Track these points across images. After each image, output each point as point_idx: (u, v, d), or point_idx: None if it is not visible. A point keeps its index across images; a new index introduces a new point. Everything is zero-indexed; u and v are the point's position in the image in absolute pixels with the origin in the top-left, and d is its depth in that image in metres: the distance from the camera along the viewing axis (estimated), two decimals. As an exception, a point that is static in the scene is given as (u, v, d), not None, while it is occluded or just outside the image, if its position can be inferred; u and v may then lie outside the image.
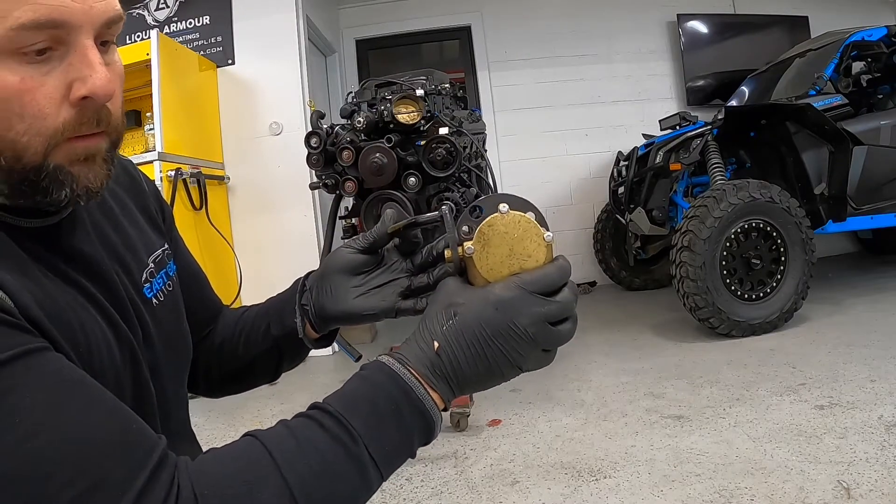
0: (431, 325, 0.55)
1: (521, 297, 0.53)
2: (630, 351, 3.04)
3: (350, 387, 0.54)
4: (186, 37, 3.66)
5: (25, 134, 0.48)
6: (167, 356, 0.66)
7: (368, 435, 0.50)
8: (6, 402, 0.42)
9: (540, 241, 0.56)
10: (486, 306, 0.53)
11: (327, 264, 0.71)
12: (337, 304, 0.70)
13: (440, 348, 0.53)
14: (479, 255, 0.55)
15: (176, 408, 0.69)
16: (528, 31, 5.08)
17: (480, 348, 0.53)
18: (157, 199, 0.78)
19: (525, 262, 0.56)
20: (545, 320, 0.53)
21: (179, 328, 0.71)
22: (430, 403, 0.53)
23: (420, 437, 0.53)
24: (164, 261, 0.71)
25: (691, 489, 1.61)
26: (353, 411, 0.51)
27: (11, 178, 0.50)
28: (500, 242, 0.55)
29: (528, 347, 0.53)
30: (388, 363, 0.54)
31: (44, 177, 0.50)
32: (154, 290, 0.67)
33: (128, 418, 0.47)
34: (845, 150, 3.19)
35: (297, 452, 0.48)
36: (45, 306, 0.48)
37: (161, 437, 0.48)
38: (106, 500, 0.42)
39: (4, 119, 0.47)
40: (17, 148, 0.48)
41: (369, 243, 0.70)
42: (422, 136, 2.26)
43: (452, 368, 0.53)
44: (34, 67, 0.47)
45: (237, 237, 3.61)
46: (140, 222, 0.71)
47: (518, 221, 0.56)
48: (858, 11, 5.04)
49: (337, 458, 0.49)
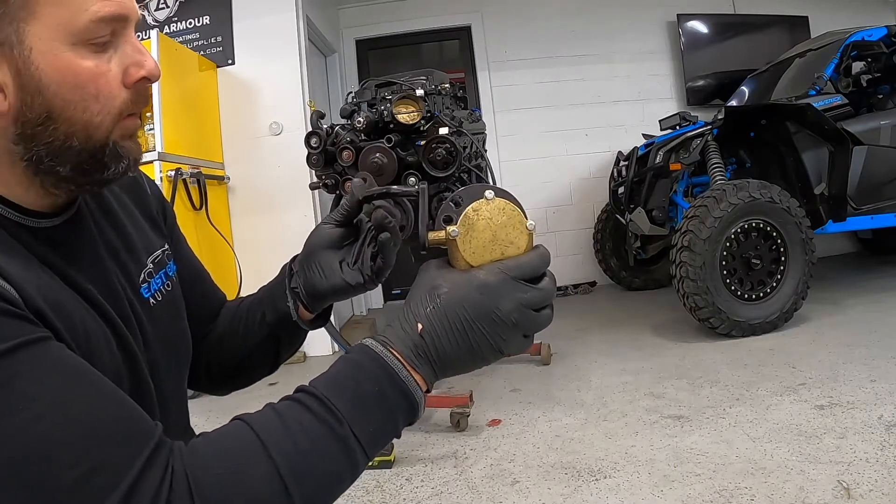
0: (415, 307, 0.55)
1: (504, 283, 0.54)
2: (630, 351, 3.04)
3: (334, 370, 0.55)
4: (186, 37, 3.66)
5: (99, 114, 0.54)
6: (165, 355, 0.67)
7: (352, 416, 0.51)
8: (11, 388, 0.43)
9: (523, 229, 0.57)
10: (471, 290, 0.54)
11: (310, 243, 0.73)
12: (325, 281, 0.72)
13: (423, 330, 0.54)
14: (462, 239, 0.56)
15: (175, 406, 0.70)
16: (528, 31, 5.08)
17: (463, 331, 0.54)
18: (159, 199, 0.79)
19: (507, 248, 0.57)
20: (527, 306, 0.55)
21: (177, 328, 0.72)
22: (413, 385, 0.54)
23: (404, 417, 0.55)
24: (163, 261, 0.72)
25: (691, 489, 1.61)
26: (337, 393, 0.52)
27: (80, 157, 0.55)
28: (485, 228, 0.56)
29: (510, 332, 0.54)
30: (371, 346, 0.55)
31: (107, 153, 0.56)
32: (152, 291, 0.68)
33: (127, 406, 0.49)
34: (845, 150, 3.19)
35: (283, 434, 0.49)
36: (48, 299, 0.50)
37: (157, 423, 0.49)
38: (105, 483, 0.43)
39: (81, 101, 0.53)
40: (89, 128, 0.54)
41: (343, 215, 0.72)
42: (422, 136, 2.26)
43: (435, 350, 0.54)
44: (99, 55, 0.53)
45: (237, 237, 3.61)
46: (140, 223, 0.72)
47: (503, 209, 0.57)
48: (858, 11, 5.04)
49: (322, 439, 0.50)
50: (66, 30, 0.51)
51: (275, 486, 0.48)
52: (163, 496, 0.45)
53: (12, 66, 0.51)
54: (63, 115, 0.53)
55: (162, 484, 0.45)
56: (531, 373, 2.84)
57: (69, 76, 0.52)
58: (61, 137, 0.53)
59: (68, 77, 0.52)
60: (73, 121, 0.53)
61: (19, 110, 0.52)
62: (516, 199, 0.59)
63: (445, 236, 0.57)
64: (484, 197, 0.57)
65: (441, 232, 0.57)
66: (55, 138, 0.53)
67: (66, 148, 0.54)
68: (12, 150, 0.53)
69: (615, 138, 4.89)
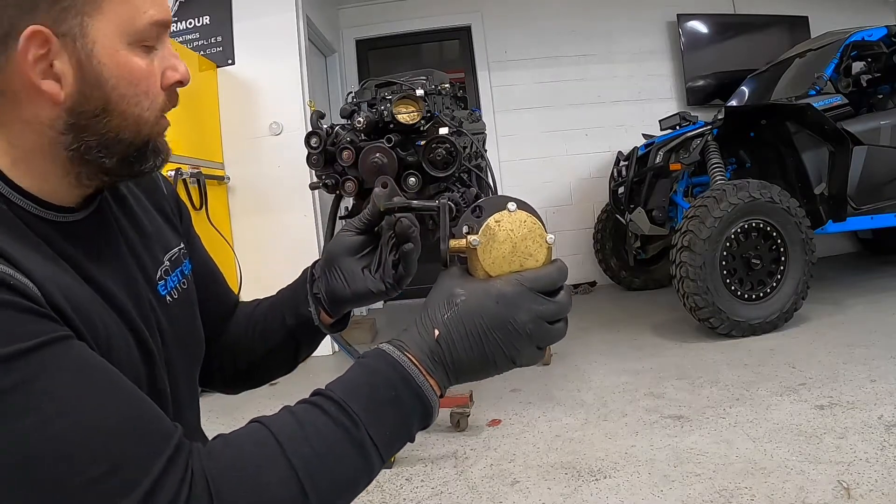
0: (433, 313, 0.56)
1: (522, 294, 0.55)
2: (630, 351, 3.04)
3: (351, 374, 0.56)
4: (186, 37, 3.66)
5: (148, 109, 0.57)
6: (179, 353, 0.67)
7: (369, 419, 0.52)
8: (33, 387, 0.43)
9: (542, 242, 0.58)
10: (488, 299, 0.55)
11: (331, 250, 0.75)
12: (347, 287, 0.73)
13: (440, 336, 0.55)
14: (483, 249, 0.57)
15: (188, 405, 0.70)
16: (528, 31, 5.08)
17: (479, 339, 0.54)
18: (175, 199, 0.81)
19: (526, 260, 0.58)
20: (542, 318, 0.55)
21: (192, 326, 0.73)
22: (428, 389, 0.55)
23: (419, 421, 0.55)
24: (179, 259, 0.73)
25: (691, 489, 1.61)
26: (353, 397, 0.53)
27: (128, 150, 0.57)
28: (505, 239, 0.57)
29: (524, 342, 0.55)
30: (388, 350, 0.56)
31: (150, 147, 0.59)
32: (168, 288, 0.68)
33: (147, 406, 0.49)
34: (845, 150, 3.19)
35: (301, 437, 0.50)
36: (69, 297, 0.50)
37: (177, 425, 0.50)
38: (125, 482, 0.44)
39: (134, 97, 0.55)
40: (139, 122, 0.57)
41: (365, 224, 0.73)
42: (422, 136, 2.26)
43: (451, 356, 0.55)
44: (147, 57, 0.56)
45: (237, 237, 3.61)
46: (157, 220, 0.73)
47: (524, 221, 0.58)
48: (858, 11, 5.04)
49: (339, 442, 0.51)
50: (126, 29, 0.54)
51: (293, 490, 0.48)
52: (182, 497, 0.45)
53: (74, 57, 0.52)
54: (118, 108, 0.55)
55: (182, 485, 0.45)
56: (531, 373, 2.84)
57: (126, 73, 0.54)
58: (114, 130, 0.55)
59: (126, 73, 0.54)
60: (126, 115, 0.55)
61: (76, 101, 0.53)
62: (537, 213, 0.60)
63: (466, 245, 0.58)
64: (506, 208, 0.58)
65: (462, 240, 0.58)
66: (109, 130, 0.55)
67: (116, 140, 0.56)
68: (57, 140, 0.54)
69: (615, 138, 4.89)
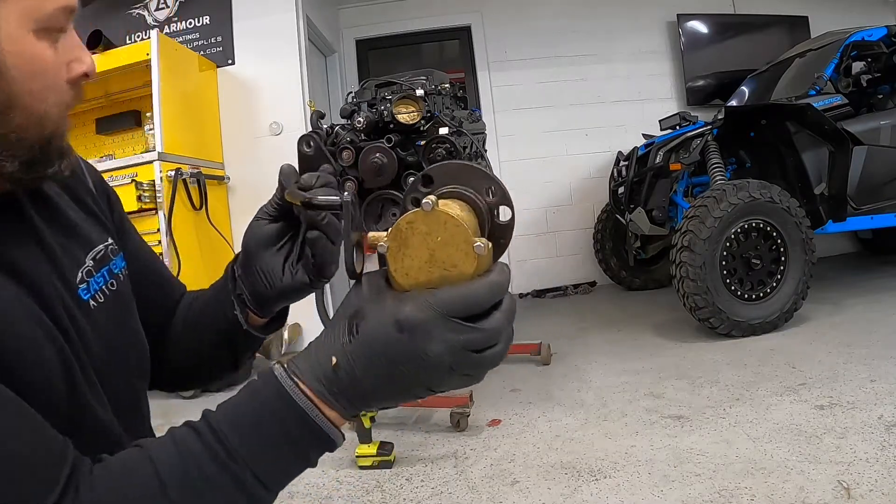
0: (332, 336, 0.49)
1: (432, 321, 0.44)
2: (630, 351, 3.04)
3: (237, 401, 0.51)
4: (186, 37, 3.66)
5: (55, 105, 0.51)
6: (111, 357, 0.62)
7: (251, 455, 0.48)
8: None
9: (468, 249, 0.45)
10: (389, 328, 0.45)
11: (247, 243, 0.68)
12: (270, 286, 0.67)
13: (337, 365, 0.47)
14: (393, 256, 0.46)
15: (130, 413, 0.65)
16: (528, 31, 5.09)
17: (385, 369, 0.46)
18: (103, 189, 0.73)
19: (447, 272, 0.45)
20: (465, 348, 0.45)
21: (125, 327, 0.67)
22: (327, 425, 0.49)
23: (316, 451, 0.51)
24: (107, 257, 0.66)
25: (691, 489, 1.61)
26: (239, 432, 0.49)
27: (31, 151, 0.51)
28: (420, 245, 0.45)
29: (443, 374, 0.46)
30: (280, 378, 0.49)
31: (54, 147, 0.53)
32: (91, 291, 0.62)
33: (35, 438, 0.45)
34: (845, 150, 3.19)
35: (182, 473, 0.47)
36: None
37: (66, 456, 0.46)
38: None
39: (39, 91, 0.50)
40: (44, 119, 0.51)
41: (276, 209, 0.67)
42: (422, 136, 2.26)
43: (352, 386, 0.48)
44: (51, 47, 0.51)
45: (237, 237, 3.61)
46: (78, 217, 0.65)
47: (444, 223, 0.45)
48: (858, 11, 5.05)
49: (218, 478, 0.48)
50: (33, 15, 0.48)
51: None
52: None
53: None
54: (21, 103, 0.49)
55: None
56: (531, 373, 2.84)
57: (30, 63, 0.49)
58: (17, 129, 0.49)
59: (30, 64, 0.49)
60: (30, 111, 0.49)
61: None
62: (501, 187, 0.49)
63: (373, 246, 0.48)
64: (422, 206, 0.45)
65: (382, 233, 0.47)
66: (10, 129, 0.49)
67: (18, 140, 0.50)
68: None
69: (615, 138, 4.90)
